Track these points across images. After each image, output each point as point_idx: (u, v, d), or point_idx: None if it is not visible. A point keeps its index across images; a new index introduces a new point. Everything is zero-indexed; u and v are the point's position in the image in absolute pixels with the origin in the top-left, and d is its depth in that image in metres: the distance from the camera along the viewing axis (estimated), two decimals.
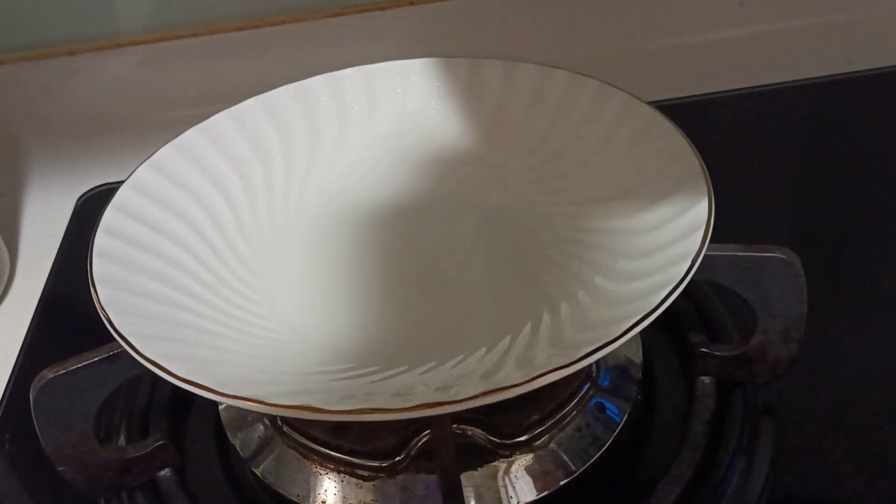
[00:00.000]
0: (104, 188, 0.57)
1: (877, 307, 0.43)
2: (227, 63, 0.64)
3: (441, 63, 0.45)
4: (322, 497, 0.34)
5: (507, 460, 0.34)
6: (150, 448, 0.36)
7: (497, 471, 0.34)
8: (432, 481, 0.33)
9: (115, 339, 0.29)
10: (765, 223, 0.50)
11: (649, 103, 0.38)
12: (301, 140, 0.43)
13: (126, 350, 0.28)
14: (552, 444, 0.34)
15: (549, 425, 0.35)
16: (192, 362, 0.29)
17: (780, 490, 0.35)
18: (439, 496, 0.28)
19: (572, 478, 0.34)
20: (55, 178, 0.61)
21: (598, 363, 0.37)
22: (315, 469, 0.35)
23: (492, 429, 0.33)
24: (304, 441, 0.35)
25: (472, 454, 0.33)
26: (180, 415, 0.40)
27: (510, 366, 0.31)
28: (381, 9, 0.63)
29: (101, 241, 0.34)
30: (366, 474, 0.34)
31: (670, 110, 0.38)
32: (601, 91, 0.40)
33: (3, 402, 0.43)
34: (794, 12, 0.66)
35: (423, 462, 0.33)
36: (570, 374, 0.26)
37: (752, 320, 0.36)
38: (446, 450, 0.29)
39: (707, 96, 0.60)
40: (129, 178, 0.37)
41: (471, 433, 0.33)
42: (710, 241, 0.30)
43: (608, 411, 0.36)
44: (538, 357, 0.29)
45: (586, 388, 0.36)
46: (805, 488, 0.35)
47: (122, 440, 0.39)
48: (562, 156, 0.41)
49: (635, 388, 0.37)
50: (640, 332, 0.27)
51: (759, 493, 0.35)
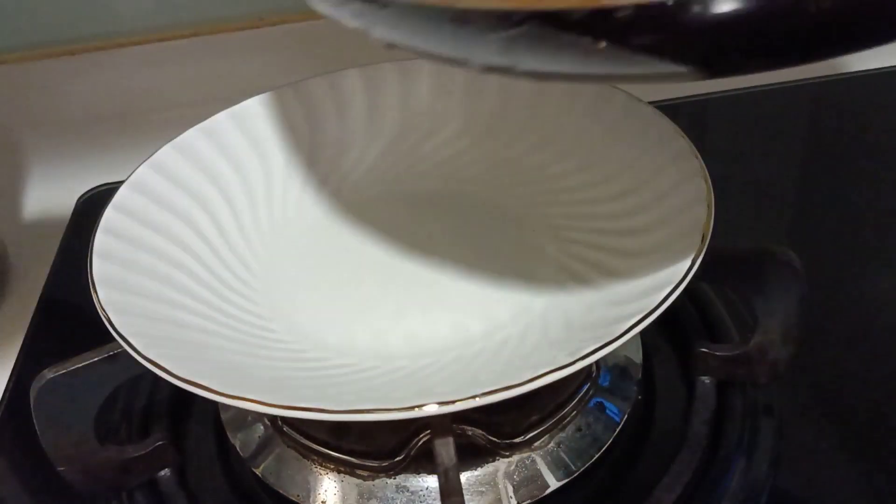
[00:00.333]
0: (104, 188, 0.57)
1: (876, 307, 0.43)
2: (227, 63, 0.64)
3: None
4: (322, 497, 0.34)
5: (507, 460, 0.34)
6: (150, 448, 0.36)
7: (497, 471, 0.34)
8: (432, 481, 0.33)
9: (115, 339, 0.29)
10: (765, 223, 0.50)
11: (649, 103, 0.39)
12: (301, 140, 0.43)
13: (126, 350, 0.28)
14: (552, 444, 0.34)
15: (549, 425, 0.35)
16: (192, 362, 0.29)
17: (780, 490, 0.35)
18: (439, 496, 0.28)
19: (572, 478, 0.34)
20: (55, 178, 0.61)
21: (598, 363, 0.37)
22: (315, 469, 0.35)
23: (492, 429, 0.33)
24: (304, 441, 0.35)
25: (472, 454, 0.33)
26: (180, 415, 0.40)
27: (510, 366, 0.31)
28: None
29: (101, 241, 0.34)
30: (366, 474, 0.34)
31: (670, 110, 0.38)
32: (602, 91, 0.40)
33: (3, 402, 0.43)
34: None
35: (423, 462, 0.33)
36: (570, 374, 0.26)
37: (752, 320, 0.36)
38: (446, 450, 0.29)
39: (707, 96, 0.60)
40: (129, 178, 0.37)
41: (471, 433, 0.33)
42: (710, 241, 0.30)
43: (608, 411, 0.36)
44: (538, 357, 0.30)
45: (586, 388, 0.36)
46: (805, 488, 0.35)
47: (122, 440, 0.39)
48: (563, 156, 0.41)
49: (635, 388, 0.37)
50: (640, 332, 0.27)
51: (759, 493, 0.35)
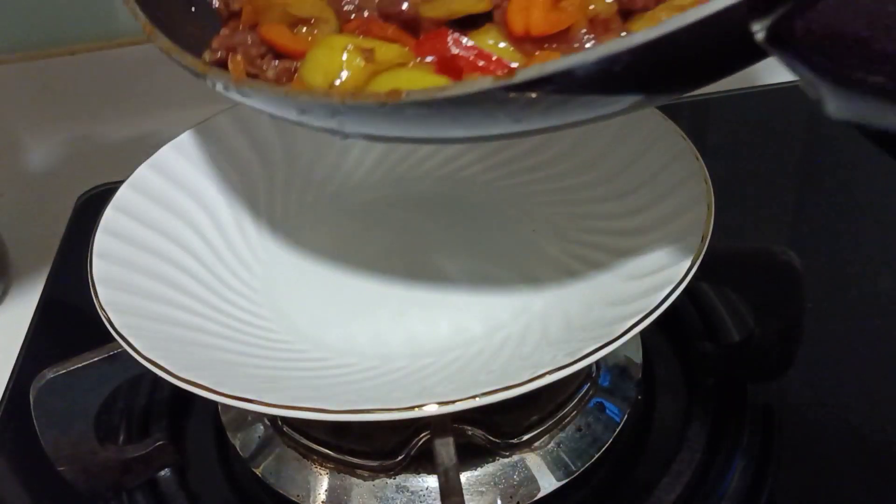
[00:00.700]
0: (104, 188, 0.57)
1: (876, 307, 0.43)
2: None
3: None
4: (322, 497, 0.34)
5: (507, 460, 0.34)
6: (150, 448, 0.36)
7: (497, 471, 0.34)
8: (432, 481, 0.33)
9: (115, 339, 0.29)
10: (765, 223, 0.50)
11: None
12: (302, 141, 0.43)
13: (126, 350, 0.28)
14: (552, 444, 0.34)
15: (549, 425, 0.35)
16: (192, 362, 0.29)
17: (780, 490, 0.35)
18: (439, 496, 0.28)
19: (572, 478, 0.34)
20: (55, 178, 0.61)
21: (598, 363, 0.37)
22: (315, 469, 0.35)
23: (492, 429, 0.33)
24: (304, 441, 0.35)
25: (472, 454, 0.33)
26: (180, 415, 0.40)
27: (510, 366, 0.31)
28: None
29: (101, 241, 0.34)
30: (366, 474, 0.34)
31: (670, 110, 0.38)
32: None
33: (3, 402, 0.43)
34: None
35: (423, 462, 0.33)
36: (570, 374, 0.26)
37: (753, 320, 0.36)
38: (446, 450, 0.29)
39: (707, 96, 0.60)
40: (129, 178, 0.37)
41: (471, 433, 0.33)
42: (710, 241, 0.30)
43: (608, 411, 0.36)
44: (538, 357, 0.30)
45: (586, 388, 0.36)
46: (805, 488, 0.35)
47: (122, 440, 0.39)
48: (563, 157, 0.41)
49: (635, 388, 0.37)
50: (640, 332, 0.27)
51: (759, 493, 0.35)
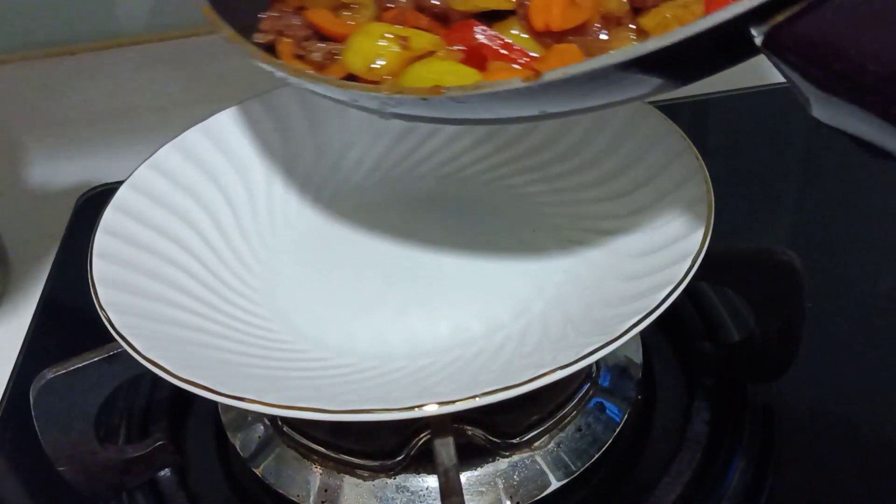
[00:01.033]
0: (104, 188, 0.57)
1: (876, 307, 0.43)
2: (227, 63, 0.64)
3: None
4: (322, 497, 0.34)
5: (507, 460, 0.34)
6: (150, 448, 0.36)
7: (497, 471, 0.34)
8: (432, 481, 0.33)
9: (115, 339, 0.29)
10: (765, 223, 0.50)
11: (650, 104, 0.38)
12: (302, 140, 0.43)
13: (126, 350, 0.28)
14: (552, 444, 0.34)
15: (549, 425, 0.35)
16: (192, 362, 0.29)
17: (780, 490, 0.35)
18: (439, 496, 0.28)
19: (572, 478, 0.34)
20: (55, 178, 0.61)
21: (598, 363, 0.37)
22: (315, 469, 0.35)
23: (492, 429, 0.33)
24: (304, 441, 0.35)
25: (472, 454, 0.33)
26: (180, 415, 0.40)
27: (510, 365, 0.31)
28: None
29: (101, 241, 0.34)
30: (366, 474, 0.34)
31: (670, 110, 0.38)
32: None
33: (3, 402, 0.43)
34: None
35: (423, 462, 0.33)
36: (570, 374, 0.26)
37: (753, 320, 0.36)
38: (446, 450, 0.29)
39: (707, 96, 0.60)
40: (129, 178, 0.37)
41: (471, 433, 0.33)
42: (710, 241, 0.30)
43: (608, 411, 0.36)
44: (539, 357, 0.30)
45: (586, 388, 0.36)
46: (805, 488, 0.35)
47: (122, 440, 0.39)
48: (563, 157, 0.41)
49: (635, 388, 0.37)
50: (640, 332, 0.27)
51: (759, 493, 0.35)
